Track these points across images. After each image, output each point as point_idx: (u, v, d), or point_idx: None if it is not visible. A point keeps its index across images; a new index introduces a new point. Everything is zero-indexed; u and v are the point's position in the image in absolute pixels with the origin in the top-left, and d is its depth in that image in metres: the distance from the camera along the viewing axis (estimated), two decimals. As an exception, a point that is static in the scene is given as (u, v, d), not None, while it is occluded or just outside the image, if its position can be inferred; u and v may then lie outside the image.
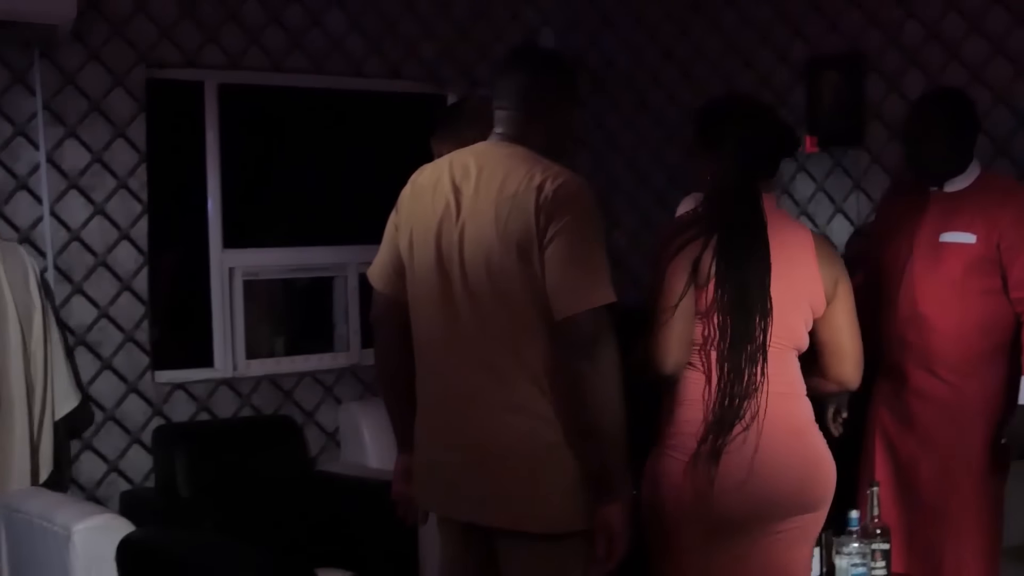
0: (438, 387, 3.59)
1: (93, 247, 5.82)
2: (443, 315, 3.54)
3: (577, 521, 3.47)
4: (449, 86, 6.94)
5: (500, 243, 3.44)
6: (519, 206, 3.42)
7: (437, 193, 3.59)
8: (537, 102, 3.63)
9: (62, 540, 4.59)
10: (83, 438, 5.78)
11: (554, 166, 3.50)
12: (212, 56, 6.17)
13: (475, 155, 3.61)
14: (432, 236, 3.56)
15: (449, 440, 3.56)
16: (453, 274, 3.52)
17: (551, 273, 3.38)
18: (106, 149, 5.85)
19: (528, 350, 3.44)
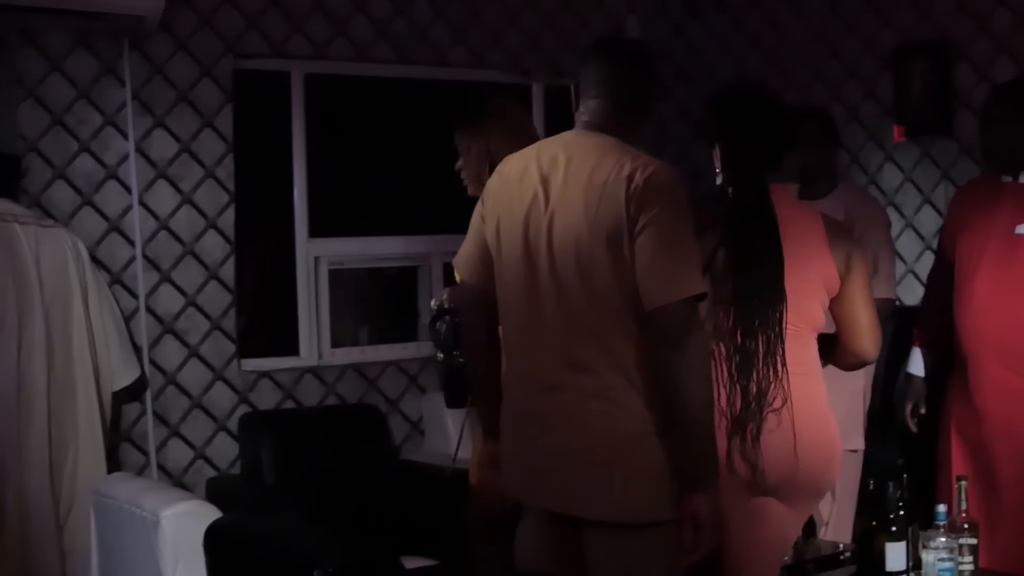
0: (525, 376, 3.60)
1: (181, 236, 5.87)
2: (530, 304, 3.55)
3: (663, 511, 3.46)
4: (533, 75, 6.93)
5: (589, 233, 3.43)
6: (609, 195, 3.42)
7: (524, 183, 3.59)
8: (625, 92, 3.63)
9: (150, 525, 4.64)
10: (170, 425, 5.84)
11: (643, 155, 3.49)
12: (298, 46, 6.20)
13: (563, 145, 3.61)
14: (520, 226, 3.56)
15: (536, 430, 3.56)
16: (540, 264, 3.52)
17: (642, 263, 3.38)
18: (194, 139, 5.91)
19: (615, 340, 3.44)
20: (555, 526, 3.62)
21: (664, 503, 3.46)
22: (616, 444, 3.45)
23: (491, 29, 6.74)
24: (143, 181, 5.78)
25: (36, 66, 5.56)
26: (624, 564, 3.50)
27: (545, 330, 3.53)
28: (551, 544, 3.66)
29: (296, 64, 6.26)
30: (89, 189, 5.67)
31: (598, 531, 3.51)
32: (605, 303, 3.44)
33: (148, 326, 5.78)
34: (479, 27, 6.71)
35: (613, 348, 3.44)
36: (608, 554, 3.51)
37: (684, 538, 3.42)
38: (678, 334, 3.35)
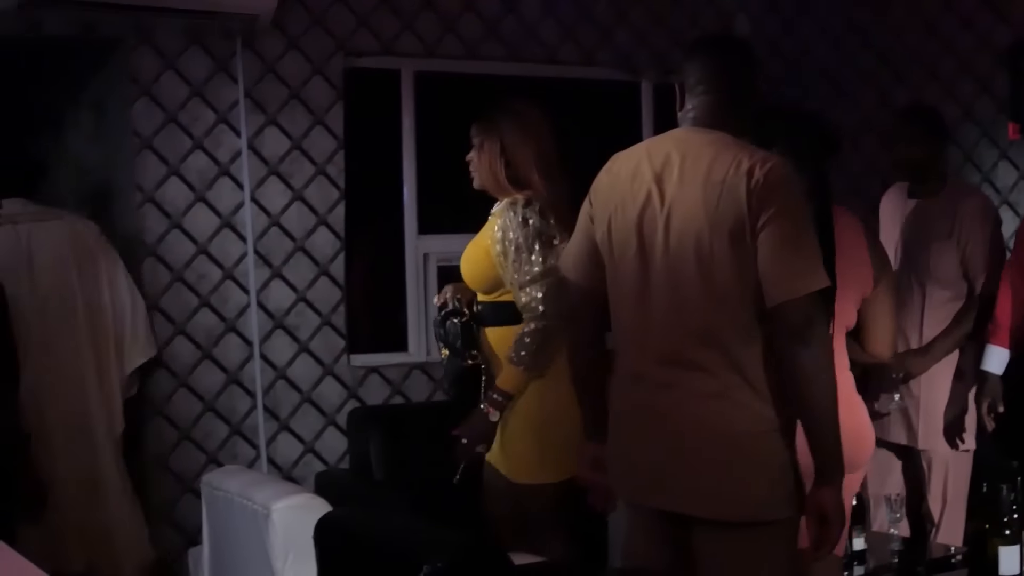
0: (639, 376, 3.58)
1: (292, 232, 5.93)
2: (645, 304, 3.54)
3: (781, 509, 3.46)
4: (642, 73, 6.91)
5: (710, 230, 3.42)
6: (729, 192, 3.40)
7: (637, 182, 3.57)
8: (732, 88, 3.62)
9: (261, 518, 4.69)
10: (280, 419, 5.90)
11: (759, 151, 3.48)
12: (408, 44, 6.24)
13: (674, 142, 3.59)
14: (633, 226, 3.55)
15: (651, 430, 3.55)
16: (656, 263, 3.50)
17: (765, 259, 3.37)
18: (305, 136, 5.96)
19: (734, 338, 3.43)
20: (666, 526, 3.60)
21: (781, 501, 3.46)
22: (734, 443, 3.43)
23: (600, 27, 6.73)
24: (255, 178, 5.84)
25: (151, 64, 5.64)
26: (741, 563, 3.49)
27: (661, 329, 3.51)
28: (661, 544, 3.65)
29: (406, 62, 6.30)
30: (202, 186, 5.74)
31: (714, 530, 3.49)
32: (725, 301, 3.43)
33: (259, 321, 5.84)
34: (588, 25, 6.69)
35: (731, 346, 3.43)
36: (725, 553, 3.50)
37: (810, 532, 3.42)
38: (804, 329, 3.34)
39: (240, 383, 5.83)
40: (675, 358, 3.49)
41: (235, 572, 5.00)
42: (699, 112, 3.62)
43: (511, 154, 4.69)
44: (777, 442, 3.45)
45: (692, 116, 3.63)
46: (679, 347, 3.48)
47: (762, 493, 3.45)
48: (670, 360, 3.50)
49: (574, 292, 3.79)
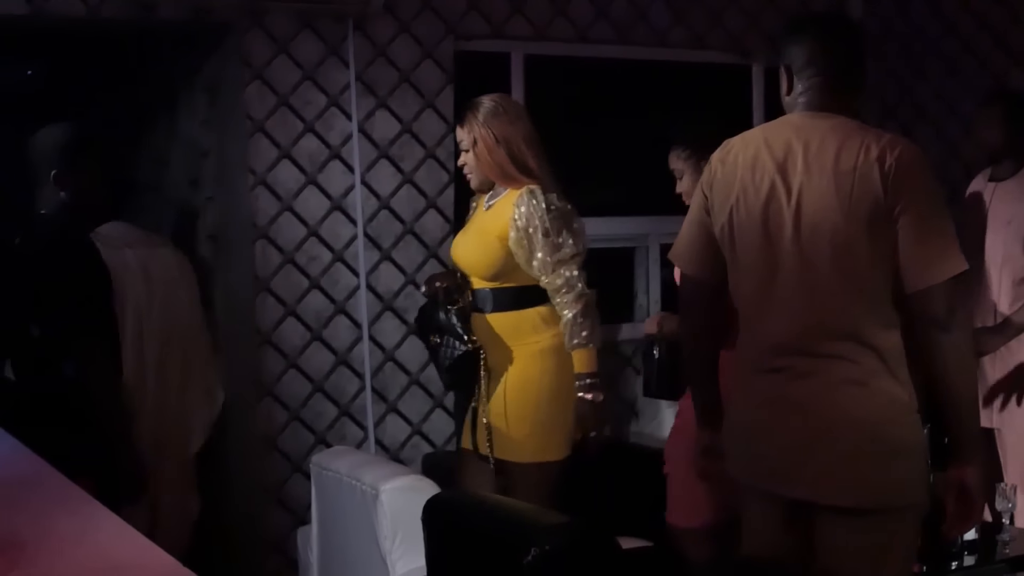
0: (771, 366, 3.55)
1: (401, 215, 5.96)
2: (776, 295, 3.51)
3: (914, 495, 3.47)
4: (753, 56, 6.86)
5: (846, 219, 3.38)
6: (862, 180, 3.36)
7: (758, 172, 3.52)
8: (850, 70, 3.58)
9: (370, 498, 4.73)
10: (388, 401, 5.94)
11: (884, 133, 3.45)
12: (518, 27, 6.24)
13: (793, 129, 3.53)
14: (758, 216, 3.50)
15: (784, 419, 3.53)
16: (785, 254, 3.47)
17: (905, 246, 3.34)
18: (415, 119, 5.98)
19: (871, 325, 3.42)
20: (789, 513, 3.59)
21: (917, 487, 3.47)
22: (874, 430, 3.42)
23: (711, 9, 6.69)
24: (365, 161, 5.87)
25: (263, 48, 5.69)
26: (871, 550, 3.47)
27: (794, 320, 3.49)
28: (783, 532, 3.63)
29: (516, 45, 6.30)
30: (313, 169, 5.79)
31: (845, 518, 3.48)
32: (863, 289, 3.41)
33: (368, 303, 5.88)
34: (699, 7, 6.65)
35: (868, 333, 3.41)
36: (852, 542, 3.48)
37: (948, 507, 3.42)
38: (944, 314, 3.32)
39: (349, 365, 5.87)
40: (810, 348, 3.47)
41: (343, 552, 5.05)
42: (811, 96, 3.56)
43: (508, 144, 4.73)
44: (915, 427, 3.46)
45: (804, 100, 3.57)
46: (815, 337, 3.46)
47: (900, 479, 3.45)
48: (805, 350, 3.47)
49: (690, 284, 3.78)
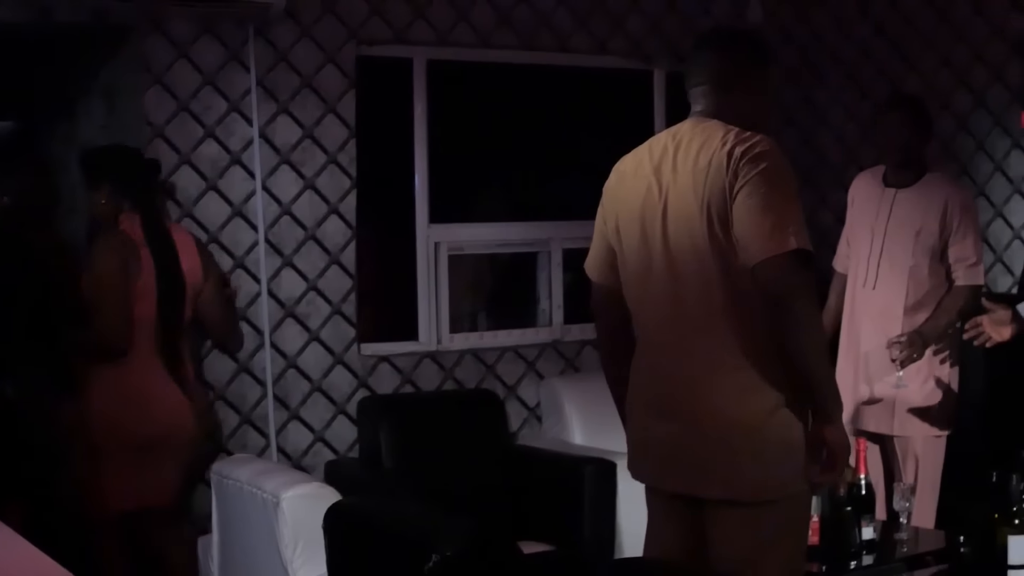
0: (651, 363, 3.68)
1: (303, 221, 5.93)
2: (651, 294, 3.63)
3: (790, 485, 3.53)
4: (655, 61, 6.89)
5: (700, 213, 3.49)
6: (714, 172, 3.47)
7: (638, 178, 3.67)
8: (728, 78, 3.68)
9: (271, 507, 4.71)
10: (290, 408, 5.91)
11: (745, 132, 3.53)
12: (421, 32, 6.22)
13: (672, 135, 3.69)
14: (636, 218, 3.64)
15: (662, 413, 3.62)
16: (657, 252, 3.58)
17: (740, 221, 3.42)
18: (317, 125, 5.95)
19: (735, 319, 3.49)
20: (680, 508, 3.68)
21: (792, 477, 3.53)
22: (743, 423, 3.50)
23: (613, 15, 6.71)
24: (266, 167, 5.83)
25: (163, 53, 5.63)
26: (755, 541, 3.55)
27: (667, 318, 3.60)
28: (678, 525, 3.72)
29: (418, 50, 6.28)
30: (214, 174, 5.74)
31: (724, 510, 3.57)
32: (723, 283, 3.49)
33: (270, 310, 5.84)
34: (601, 13, 6.68)
35: (733, 328, 3.50)
36: (736, 532, 3.56)
37: (816, 458, 3.49)
38: (784, 289, 3.38)
39: (251, 372, 5.82)
40: (682, 345, 3.56)
41: (244, 561, 5.02)
42: (698, 103, 3.71)
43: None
44: (786, 418, 3.52)
45: (696, 110, 3.71)
46: (685, 334, 3.56)
47: (774, 472, 3.52)
48: (677, 347, 3.57)
49: (596, 292, 3.89)
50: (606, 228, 3.79)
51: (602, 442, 5.87)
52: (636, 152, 3.77)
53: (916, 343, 5.29)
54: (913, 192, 5.43)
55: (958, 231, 5.34)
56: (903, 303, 5.39)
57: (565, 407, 6.18)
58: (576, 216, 6.41)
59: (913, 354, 5.28)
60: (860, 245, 5.52)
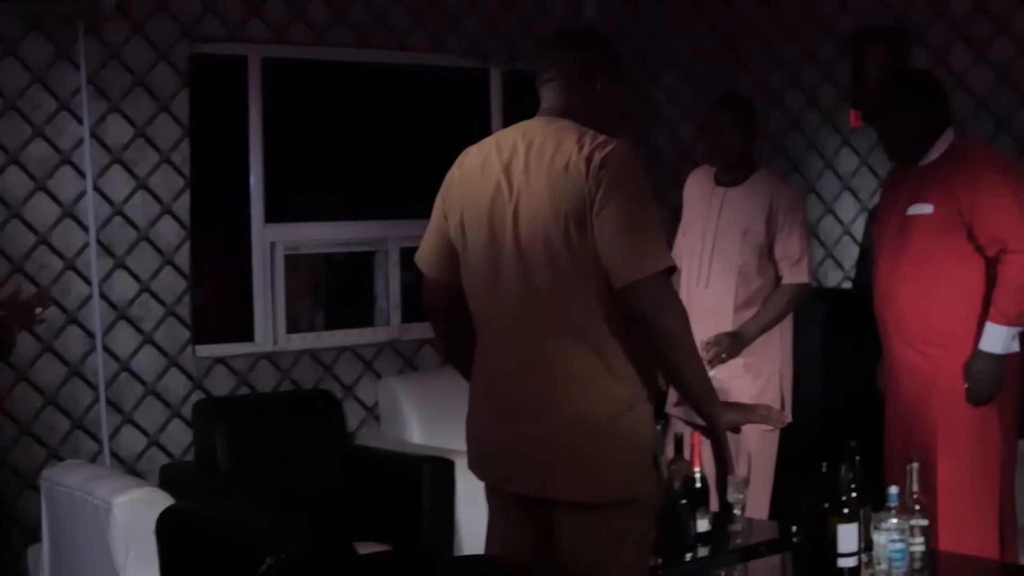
0: (494, 363, 3.62)
1: (135, 222, 5.83)
2: (498, 295, 3.57)
3: (637, 488, 3.53)
4: (492, 60, 6.91)
5: (555, 217, 3.44)
6: (572, 178, 3.42)
7: (486, 173, 3.59)
8: (580, 77, 3.64)
9: (102, 513, 4.63)
10: (123, 412, 5.81)
11: (600, 136, 3.50)
12: (256, 30, 6.17)
13: (522, 132, 3.61)
14: (484, 217, 3.57)
15: (509, 416, 3.58)
16: (507, 253, 3.53)
17: (606, 242, 3.39)
18: (149, 124, 5.86)
19: (588, 323, 3.47)
20: (526, 509, 3.64)
21: (639, 480, 3.53)
22: (592, 426, 3.48)
23: (450, 13, 6.72)
24: (97, 166, 5.73)
25: (-11, 50, 5.52)
26: (601, 543, 3.53)
27: (514, 319, 3.55)
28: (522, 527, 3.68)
29: (253, 48, 6.22)
30: (43, 174, 5.62)
31: (569, 512, 3.54)
32: (574, 287, 3.46)
33: (102, 313, 5.73)
34: (438, 11, 6.68)
35: (584, 332, 3.47)
36: (580, 535, 3.54)
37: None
38: (653, 309, 3.37)
39: (82, 376, 5.71)
40: (532, 347, 3.52)
41: (76, 569, 4.93)
42: (548, 101, 3.66)
43: None
44: (634, 422, 3.51)
45: (543, 107, 3.66)
46: (535, 336, 3.51)
47: (621, 474, 3.51)
48: (527, 349, 3.52)
49: (431, 287, 3.79)
50: (446, 223, 3.69)
51: (440, 441, 5.87)
52: (482, 146, 3.69)
53: (723, 342, 5.37)
54: (741, 191, 5.53)
55: (783, 229, 5.44)
56: (733, 302, 5.48)
57: (403, 406, 6.17)
58: (413, 215, 6.38)
59: (721, 353, 5.37)
60: (694, 244, 5.60)
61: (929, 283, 4.92)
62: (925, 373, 4.96)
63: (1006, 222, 4.80)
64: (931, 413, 4.94)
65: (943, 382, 4.91)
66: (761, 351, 5.48)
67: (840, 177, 6.59)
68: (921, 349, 4.97)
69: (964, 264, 4.88)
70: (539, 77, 3.71)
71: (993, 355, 4.85)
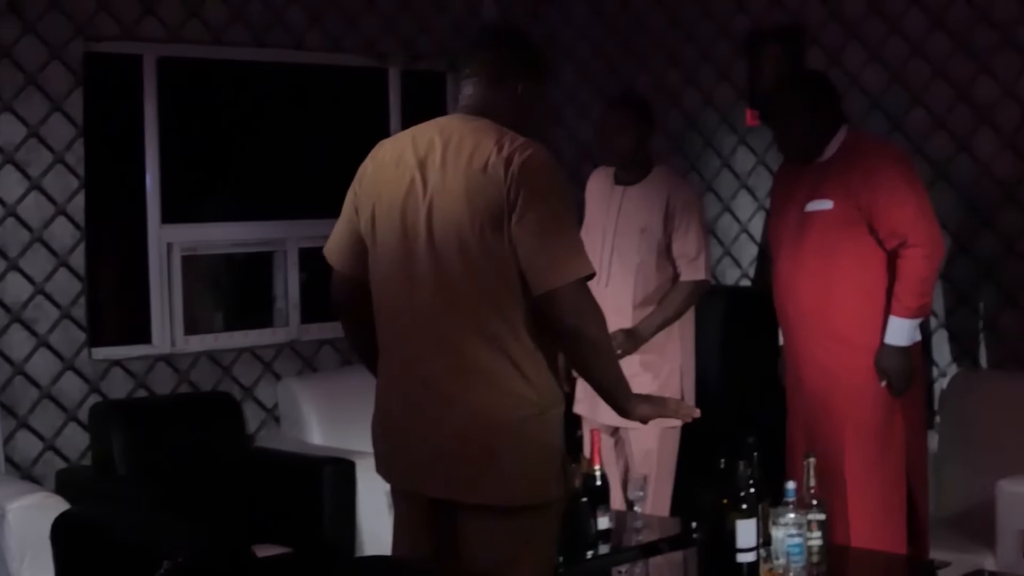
0: (403, 364, 3.59)
1: (29, 223, 5.75)
2: (408, 292, 3.53)
3: (546, 492, 3.53)
4: (390, 59, 6.90)
5: (470, 218, 3.42)
6: (489, 179, 3.40)
7: (400, 168, 3.56)
8: (501, 76, 3.62)
9: (-4, 518, 4.56)
10: (18, 416, 5.72)
11: (520, 138, 3.49)
12: (151, 29, 6.10)
13: (439, 129, 3.58)
14: (397, 212, 3.54)
15: (419, 418, 3.56)
16: (419, 250, 3.50)
17: (525, 250, 3.38)
18: (42, 123, 5.78)
19: (498, 325, 3.45)
20: (430, 511, 3.62)
21: (547, 484, 3.53)
22: (501, 430, 3.47)
23: (347, 13, 6.69)
24: (-11, 167, 5.66)
25: None
26: (504, 548, 3.52)
27: (424, 317, 3.51)
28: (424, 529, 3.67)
29: (148, 47, 6.15)
30: (-67, 176, 5.54)
31: (475, 516, 3.52)
32: (488, 288, 3.44)
33: (-5, 315, 5.67)
34: (335, 10, 6.64)
35: (496, 333, 3.45)
36: (486, 538, 3.53)
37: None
38: (573, 316, 3.38)
39: (-24, 379, 5.64)
40: (442, 347, 3.49)
41: (-30, 575, 4.84)
42: (467, 99, 3.64)
43: None
44: (543, 426, 3.50)
45: (461, 104, 3.65)
46: (446, 336, 3.49)
47: (529, 479, 3.49)
48: (437, 349, 3.50)
49: (339, 281, 3.76)
50: (357, 217, 3.66)
51: (341, 442, 5.85)
52: (397, 140, 3.66)
53: (618, 339, 5.39)
54: (639, 189, 5.56)
55: (680, 227, 5.48)
56: (632, 300, 5.51)
57: (303, 407, 6.13)
58: (312, 215, 6.38)
59: (616, 350, 5.38)
60: (594, 243, 5.61)
61: (830, 279, 4.94)
62: (829, 368, 4.98)
63: (905, 216, 4.84)
64: (837, 408, 4.97)
65: (847, 377, 4.94)
66: (660, 349, 5.51)
67: (737, 176, 6.65)
68: (824, 345, 4.99)
69: (865, 259, 4.91)
70: (460, 71, 3.71)
71: (899, 347, 4.90)
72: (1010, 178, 5.67)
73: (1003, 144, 5.69)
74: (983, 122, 5.75)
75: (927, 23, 5.90)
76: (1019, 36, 5.64)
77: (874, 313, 4.92)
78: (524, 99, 3.64)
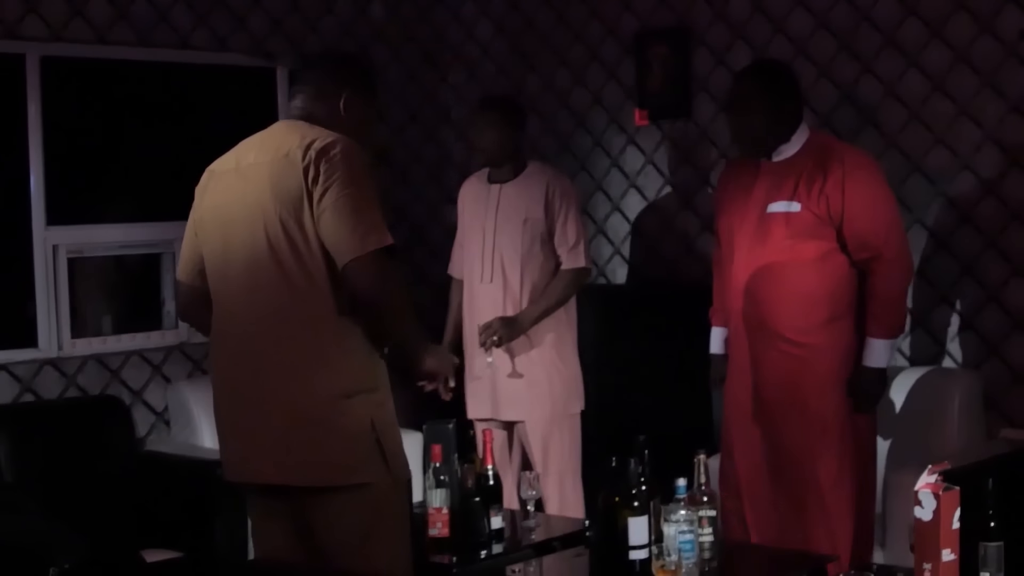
0: (228, 359, 3.77)
1: (-91, 226, 5.66)
2: (228, 291, 3.75)
3: (363, 473, 3.66)
4: (278, 59, 6.85)
5: (274, 207, 3.61)
6: (290, 162, 3.61)
7: (223, 176, 3.81)
8: (324, 90, 3.84)
9: None
10: (-100, 422, 5.62)
11: (333, 135, 3.68)
12: (33, 27, 6.01)
13: (262, 134, 3.84)
14: (218, 216, 3.77)
15: (238, 410, 3.74)
16: (235, 249, 3.70)
17: (325, 225, 3.56)
18: (-78, 124, 5.69)
19: (309, 313, 3.62)
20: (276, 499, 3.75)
21: (363, 465, 3.67)
22: (322, 409, 3.63)
23: (234, 12, 6.64)
24: None
25: None
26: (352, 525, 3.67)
27: (242, 314, 3.71)
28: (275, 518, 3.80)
29: (31, 46, 6.05)
30: None
31: (318, 497, 3.67)
32: (295, 279, 3.62)
33: None
34: (222, 9, 6.59)
35: (313, 316, 3.62)
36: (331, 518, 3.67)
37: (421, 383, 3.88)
38: (373, 282, 3.55)
39: None
40: (258, 337, 3.67)
41: None
42: (294, 110, 3.88)
43: None
44: (353, 408, 3.65)
45: (289, 113, 3.91)
46: (259, 326, 3.67)
47: (341, 458, 3.64)
48: (254, 339, 3.68)
49: (181, 291, 3.99)
50: (192, 229, 3.89)
51: (232, 445, 5.79)
52: (231, 151, 3.89)
53: (495, 326, 5.44)
54: (516, 185, 5.63)
55: (559, 216, 5.57)
56: (521, 291, 5.54)
57: (193, 411, 6.08)
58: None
59: (493, 336, 5.46)
60: (474, 245, 5.67)
61: (793, 282, 4.78)
62: (791, 373, 4.81)
63: (878, 229, 4.72)
64: (802, 413, 4.79)
65: (811, 382, 4.78)
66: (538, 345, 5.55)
67: (626, 175, 6.69)
68: (785, 350, 4.81)
69: (828, 263, 4.76)
70: (291, 88, 3.98)
71: (879, 369, 4.80)
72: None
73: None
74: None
75: (812, 23, 5.97)
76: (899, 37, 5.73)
77: (835, 317, 4.78)
78: (347, 110, 3.84)
